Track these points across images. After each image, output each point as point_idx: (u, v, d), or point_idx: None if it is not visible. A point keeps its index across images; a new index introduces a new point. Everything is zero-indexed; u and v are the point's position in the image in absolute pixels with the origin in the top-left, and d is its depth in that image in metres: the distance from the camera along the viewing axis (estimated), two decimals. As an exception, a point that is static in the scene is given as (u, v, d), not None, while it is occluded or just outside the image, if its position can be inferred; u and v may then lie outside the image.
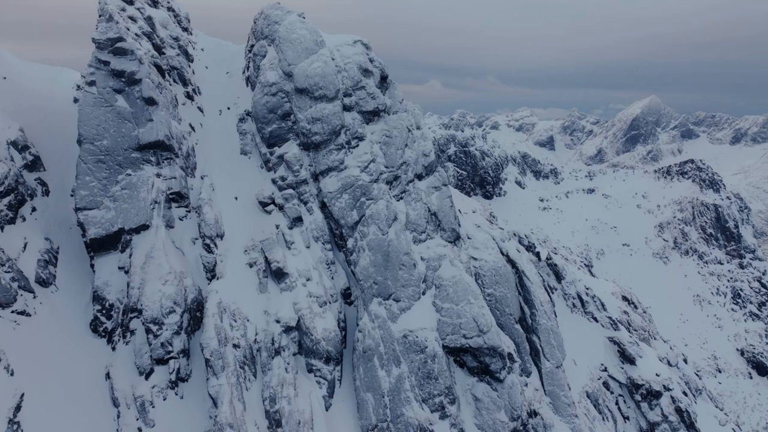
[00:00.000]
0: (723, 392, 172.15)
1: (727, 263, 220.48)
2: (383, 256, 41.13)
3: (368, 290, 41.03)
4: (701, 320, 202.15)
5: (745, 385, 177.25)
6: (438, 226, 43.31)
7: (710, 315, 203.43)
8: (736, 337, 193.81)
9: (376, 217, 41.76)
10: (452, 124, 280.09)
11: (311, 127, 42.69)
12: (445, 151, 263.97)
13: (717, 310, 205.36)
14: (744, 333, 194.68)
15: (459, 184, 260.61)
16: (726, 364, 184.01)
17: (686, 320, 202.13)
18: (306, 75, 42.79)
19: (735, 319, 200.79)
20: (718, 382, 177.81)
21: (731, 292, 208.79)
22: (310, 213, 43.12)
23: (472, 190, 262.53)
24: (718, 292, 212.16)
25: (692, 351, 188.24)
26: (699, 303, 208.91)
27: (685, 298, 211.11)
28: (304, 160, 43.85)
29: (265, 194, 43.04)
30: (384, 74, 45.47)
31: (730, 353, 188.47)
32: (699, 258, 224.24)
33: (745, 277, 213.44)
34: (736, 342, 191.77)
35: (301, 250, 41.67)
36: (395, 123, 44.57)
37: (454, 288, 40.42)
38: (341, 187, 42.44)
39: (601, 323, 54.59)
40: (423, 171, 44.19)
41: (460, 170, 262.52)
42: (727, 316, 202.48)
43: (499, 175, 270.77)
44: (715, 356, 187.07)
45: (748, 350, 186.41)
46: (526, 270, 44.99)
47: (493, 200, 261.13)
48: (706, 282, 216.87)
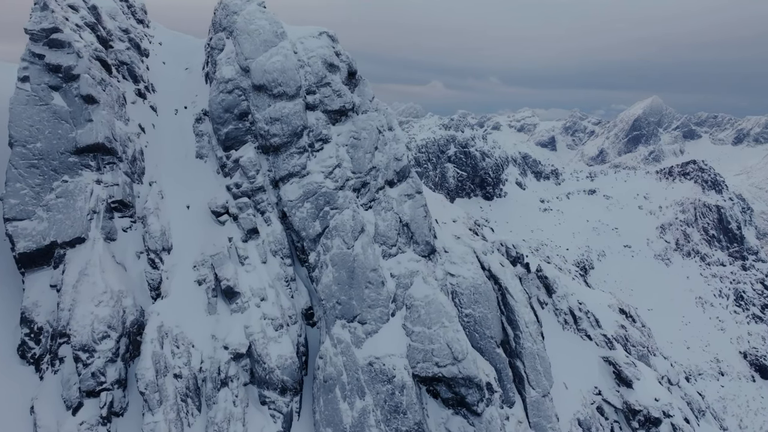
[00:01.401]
0: (725, 396, 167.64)
1: (729, 265, 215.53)
2: (348, 272, 36.05)
3: (330, 311, 35.96)
4: (703, 323, 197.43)
5: (747, 389, 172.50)
6: (410, 239, 38.17)
7: (712, 317, 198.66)
8: (739, 340, 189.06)
9: (340, 229, 36.69)
10: (452, 124, 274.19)
11: (269, 128, 37.66)
12: (444, 151, 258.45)
13: (719, 313, 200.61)
14: (747, 335, 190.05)
15: (459, 185, 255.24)
16: (728, 367, 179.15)
17: (688, 323, 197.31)
18: (264, 70, 37.75)
19: (738, 321, 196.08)
20: (721, 385, 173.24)
21: (734, 294, 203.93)
22: (267, 224, 38.07)
23: (472, 191, 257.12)
24: (720, 294, 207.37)
25: (694, 354, 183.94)
26: (701, 305, 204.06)
27: (687, 300, 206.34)
28: (262, 165, 38.85)
29: (219, 203, 38.03)
30: (352, 69, 40.34)
31: (732, 356, 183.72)
32: (701, 260, 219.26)
33: (748, 279, 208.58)
34: (738, 345, 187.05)
35: (256, 265, 36.63)
36: (364, 123, 39.47)
37: (426, 309, 35.28)
38: (303, 195, 37.39)
39: (595, 341, 49.31)
40: (395, 177, 39.07)
41: (460, 171, 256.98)
42: (730, 319, 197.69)
43: (500, 176, 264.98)
44: (718, 359, 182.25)
45: (751, 353, 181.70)
46: (509, 287, 39.77)
47: (493, 201, 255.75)
48: (708, 284, 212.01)
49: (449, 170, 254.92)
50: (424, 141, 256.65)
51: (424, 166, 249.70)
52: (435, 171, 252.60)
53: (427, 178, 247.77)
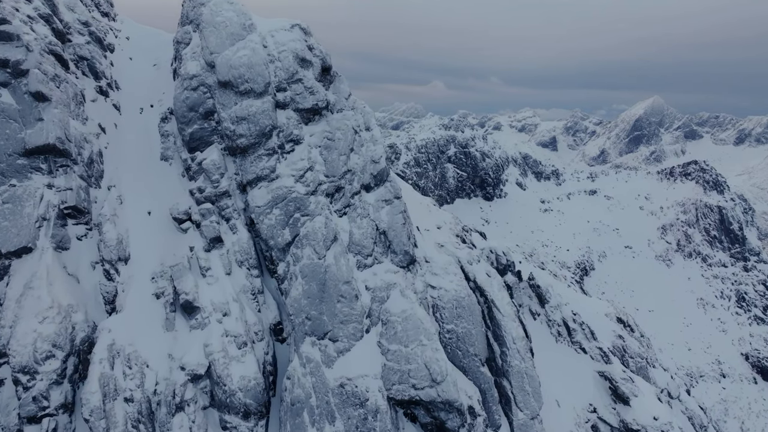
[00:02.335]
0: (727, 398, 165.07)
1: (731, 266, 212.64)
2: (319, 285, 32.75)
3: (299, 327, 32.66)
4: (705, 324, 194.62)
5: (749, 391, 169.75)
6: (388, 248, 34.84)
7: (714, 319, 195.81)
8: (741, 342, 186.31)
9: (311, 237, 33.39)
10: (452, 124, 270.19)
11: (236, 128, 34.38)
12: (444, 152, 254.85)
13: (721, 314, 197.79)
14: (749, 337, 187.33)
15: (459, 185, 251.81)
16: (730, 368, 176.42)
17: (690, 324, 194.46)
18: (230, 65, 34.48)
19: (739, 322, 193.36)
20: (723, 387, 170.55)
21: (735, 295, 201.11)
22: (233, 232, 34.79)
23: (473, 192, 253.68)
24: (722, 296, 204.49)
25: (696, 355, 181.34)
26: (703, 306, 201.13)
27: (689, 301, 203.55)
28: (228, 168, 35.59)
29: (181, 209, 34.79)
30: (326, 64, 37.01)
31: (734, 358, 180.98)
32: (703, 261, 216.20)
33: (750, 280, 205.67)
34: (740, 346, 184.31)
35: (219, 277, 33.36)
36: (339, 123, 36.15)
37: (403, 325, 31.95)
38: (271, 200, 34.10)
39: (590, 355, 45.90)
40: (372, 181, 35.72)
41: (460, 171, 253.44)
42: (732, 320, 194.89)
43: (500, 176, 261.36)
44: (719, 361, 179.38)
45: (753, 355, 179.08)
46: (496, 299, 36.39)
47: (493, 202, 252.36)
48: (709, 285, 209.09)
49: (449, 171, 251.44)
50: (423, 141, 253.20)
51: (424, 167, 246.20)
52: (435, 171, 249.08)
53: (427, 178, 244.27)
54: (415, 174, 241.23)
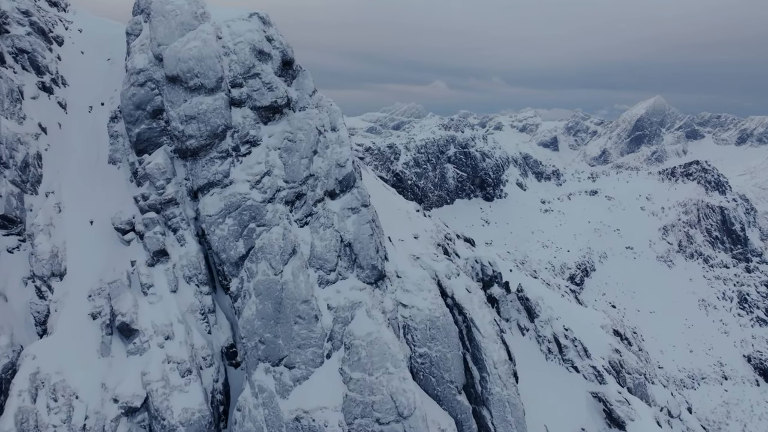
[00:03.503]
0: (729, 400, 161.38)
1: (733, 267, 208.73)
2: (274, 304, 28.73)
3: (252, 352, 28.64)
4: (707, 325, 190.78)
5: (752, 393, 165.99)
6: (354, 262, 30.76)
7: (716, 320, 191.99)
8: (743, 343, 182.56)
9: (267, 250, 29.38)
10: (452, 124, 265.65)
11: (184, 128, 30.39)
12: (444, 152, 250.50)
13: (723, 315, 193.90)
14: (751, 339, 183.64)
15: (459, 185, 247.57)
16: (732, 371, 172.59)
17: (691, 325, 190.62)
18: (178, 58, 30.48)
19: (741, 324, 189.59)
20: (725, 389, 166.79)
21: (737, 296, 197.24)
22: (181, 244, 30.81)
23: (472, 192, 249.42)
24: (724, 297, 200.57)
25: (697, 357, 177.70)
26: (704, 308, 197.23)
27: (690, 302, 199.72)
28: (178, 173, 31.61)
29: (124, 218, 30.84)
30: (287, 58, 32.95)
31: (736, 360, 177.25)
32: (704, 261, 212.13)
33: (752, 281, 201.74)
34: (742, 348, 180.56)
35: (163, 295, 29.37)
36: (301, 123, 32.11)
37: (368, 350, 27.89)
38: (224, 208, 30.10)
39: (583, 374, 41.73)
40: (337, 187, 31.64)
41: (460, 172, 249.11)
42: (734, 322, 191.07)
43: (500, 176, 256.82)
44: (721, 363, 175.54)
45: (755, 357, 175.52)
46: (476, 318, 32.26)
47: (493, 202, 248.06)
48: (711, 286, 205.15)
49: (449, 171, 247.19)
50: (423, 141, 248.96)
51: (424, 167, 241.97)
52: (434, 172, 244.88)
53: (427, 178, 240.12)
54: (415, 174, 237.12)
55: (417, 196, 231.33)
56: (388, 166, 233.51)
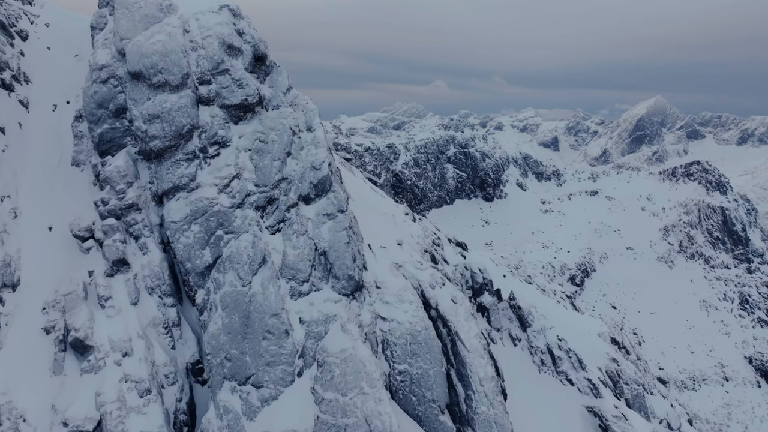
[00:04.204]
0: (730, 402, 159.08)
1: (734, 268, 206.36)
2: (242, 318, 26.42)
3: (217, 370, 26.33)
4: (708, 326, 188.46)
5: (753, 395, 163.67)
6: (329, 272, 28.41)
7: (717, 321, 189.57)
8: (744, 345, 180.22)
9: (235, 260, 27.07)
10: (452, 124, 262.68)
11: (148, 128, 28.08)
12: (444, 152, 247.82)
13: (724, 316, 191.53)
14: (752, 340, 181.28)
15: (459, 186, 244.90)
16: (733, 372, 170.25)
17: (692, 326, 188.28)
18: (141, 53, 28.15)
19: (743, 325, 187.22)
20: (726, 391, 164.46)
21: (739, 297, 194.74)
22: (143, 252, 28.49)
23: (472, 192, 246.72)
24: (725, 298, 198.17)
25: (698, 358, 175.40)
26: (705, 309, 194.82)
27: (691, 303, 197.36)
28: (142, 176, 29.34)
29: (83, 224, 28.55)
30: (259, 53, 30.59)
31: (737, 361, 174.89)
32: (705, 262, 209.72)
33: (753, 282, 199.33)
34: (744, 349, 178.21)
35: (122, 308, 27.07)
36: (274, 122, 29.77)
37: (342, 368, 25.54)
38: (190, 214, 27.79)
39: (577, 387, 39.30)
40: (311, 191, 29.28)
41: (459, 172, 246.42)
42: (735, 323, 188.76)
43: (500, 176, 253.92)
44: (722, 364, 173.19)
45: (757, 358, 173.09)
46: (461, 331, 29.86)
47: (493, 202, 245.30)
48: (712, 287, 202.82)
49: (449, 171, 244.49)
50: (423, 141, 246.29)
51: (423, 167, 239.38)
52: (434, 172, 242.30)
53: (426, 179, 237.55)
54: (414, 174, 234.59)
55: (416, 197, 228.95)
56: (388, 166, 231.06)
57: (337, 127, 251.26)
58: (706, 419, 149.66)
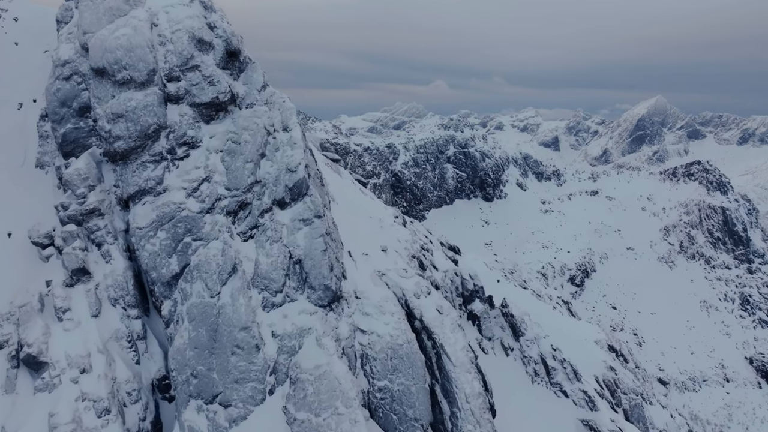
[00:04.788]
0: (731, 403, 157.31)
1: (735, 268, 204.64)
2: (209, 331, 24.44)
3: (183, 387, 24.35)
4: (708, 327, 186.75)
5: (754, 396, 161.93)
6: (304, 282, 26.41)
7: (717, 322, 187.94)
8: (745, 345, 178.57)
9: (204, 269, 25.08)
10: (452, 124, 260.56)
11: (112, 128, 26.10)
12: (444, 152, 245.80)
13: (725, 317, 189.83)
14: (753, 341, 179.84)
15: (458, 186, 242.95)
16: (734, 373, 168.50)
17: (693, 327, 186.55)
18: (104, 48, 26.16)
19: (743, 326, 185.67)
20: (726, 392, 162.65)
21: (740, 298, 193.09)
22: (106, 260, 26.52)
23: (472, 193, 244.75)
24: (725, 298, 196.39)
25: (699, 359, 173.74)
26: (706, 309, 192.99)
27: (692, 304, 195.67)
28: (107, 178, 27.40)
29: (42, 231, 26.60)
30: (232, 48, 28.58)
31: (738, 362, 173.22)
32: (706, 262, 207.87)
33: (754, 282, 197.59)
34: (744, 350, 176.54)
35: (82, 321, 25.11)
36: (247, 122, 27.77)
37: (316, 386, 23.54)
38: (156, 220, 25.81)
39: (572, 399, 37.25)
40: (287, 195, 27.26)
41: (459, 172, 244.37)
42: (736, 323, 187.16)
43: (500, 176, 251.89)
44: (723, 365, 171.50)
45: (758, 359, 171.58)
46: (447, 344, 27.83)
47: (493, 203, 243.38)
48: (713, 287, 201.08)
49: (448, 171, 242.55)
50: (422, 141, 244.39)
51: (423, 167, 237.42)
52: (434, 172, 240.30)
53: (426, 179, 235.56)
54: (414, 174, 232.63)
55: (416, 197, 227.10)
56: (387, 166, 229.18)
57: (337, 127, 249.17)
58: (706, 420, 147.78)
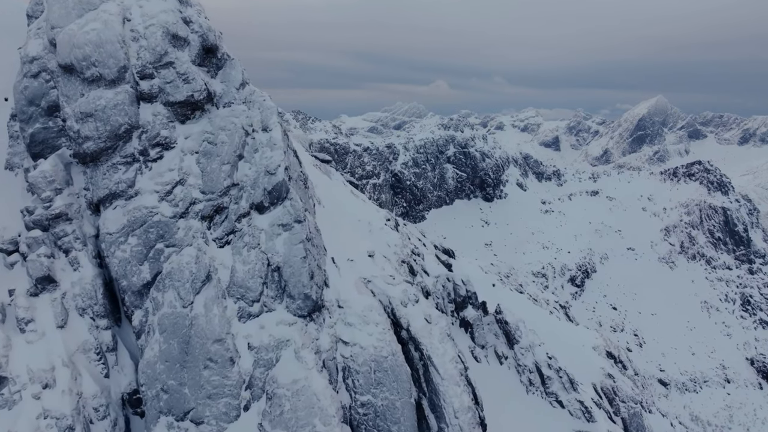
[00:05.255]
0: (732, 404, 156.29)
1: (735, 268, 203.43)
2: (181, 343, 22.90)
3: (153, 403, 22.82)
4: (709, 328, 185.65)
5: (755, 396, 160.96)
6: (283, 290, 24.86)
7: (718, 322, 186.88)
8: (746, 346, 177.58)
9: (176, 277, 23.53)
10: (452, 124, 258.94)
11: (80, 128, 24.57)
12: (444, 152, 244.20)
13: (725, 318, 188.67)
14: (754, 341, 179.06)
15: (458, 186, 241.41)
16: (735, 374, 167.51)
17: (693, 328, 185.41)
18: (72, 44, 24.60)
19: (744, 326, 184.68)
20: (727, 393, 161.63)
21: (740, 298, 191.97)
22: (74, 268, 24.98)
23: (472, 193, 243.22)
24: (726, 299, 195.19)
25: (699, 360, 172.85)
26: (707, 310, 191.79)
27: (693, 304, 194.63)
28: (76, 181, 25.86)
29: (7, 236, 25.05)
30: (209, 43, 27.02)
31: (739, 362, 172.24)
32: (707, 263, 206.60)
33: (755, 282, 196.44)
34: (745, 351, 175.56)
35: (46, 332, 23.55)
36: (225, 121, 26.23)
37: (293, 402, 22.00)
38: (127, 225, 24.27)
39: (568, 410, 35.66)
40: (265, 199, 25.71)
41: (459, 172, 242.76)
42: (736, 324, 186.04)
43: (500, 176, 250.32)
44: (724, 366, 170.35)
45: (759, 359, 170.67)
46: (435, 355, 26.28)
47: (493, 203, 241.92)
48: (714, 288, 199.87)
49: (448, 171, 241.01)
50: (422, 141, 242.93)
51: (423, 167, 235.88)
52: (434, 172, 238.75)
53: (426, 179, 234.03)
54: (414, 175, 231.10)
55: (416, 197, 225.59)
56: (387, 166, 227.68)
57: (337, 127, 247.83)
58: (707, 421, 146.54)
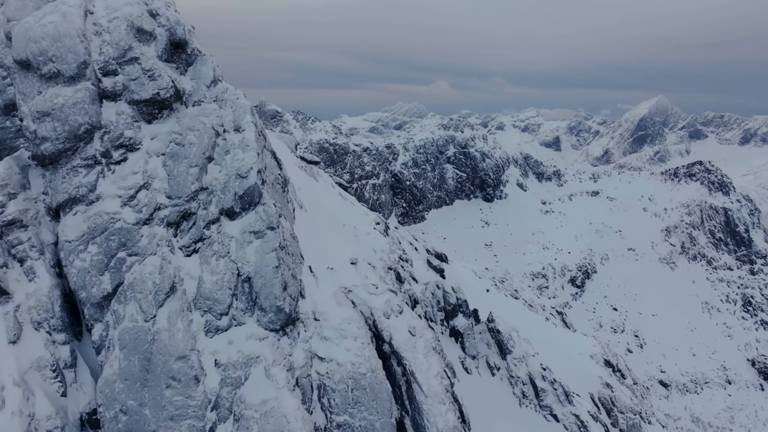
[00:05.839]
0: (733, 405, 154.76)
1: (737, 269, 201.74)
2: (142, 360, 21.03)
3: (111, 425, 20.96)
4: (710, 329, 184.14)
5: (756, 398, 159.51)
6: (254, 303, 22.99)
7: (719, 323, 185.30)
8: (747, 347, 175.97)
9: (138, 288, 21.67)
10: (451, 124, 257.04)
11: (37, 128, 22.70)
12: (443, 152, 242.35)
13: (727, 318, 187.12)
14: (755, 342, 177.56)
15: (458, 186, 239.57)
16: (736, 375, 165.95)
17: (694, 329, 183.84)
18: (28, 38, 22.75)
19: (746, 327, 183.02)
20: (728, 394, 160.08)
21: (742, 299, 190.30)
22: (29, 279, 23.09)
23: (472, 193, 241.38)
24: (727, 300, 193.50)
25: (700, 361, 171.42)
26: (708, 310, 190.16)
27: (693, 305, 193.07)
28: (34, 185, 23.99)
29: (-41, 245, 23.21)
30: (176, 38, 25.16)
31: (740, 364, 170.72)
32: (708, 263, 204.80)
33: (756, 283, 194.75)
34: (746, 352, 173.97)
35: (-4, 348, 21.72)
36: (193, 121, 24.38)
37: (261, 425, 20.15)
38: (87, 232, 22.40)
39: (563, 424, 33.75)
40: (236, 204, 23.86)
41: (459, 172, 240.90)
42: (738, 325, 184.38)
43: (500, 177, 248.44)
44: (725, 367, 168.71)
45: (760, 360, 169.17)
46: (419, 371, 24.40)
47: (493, 203, 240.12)
48: (715, 289, 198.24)
49: (448, 171, 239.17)
50: (422, 141, 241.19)
51: (422, 167, 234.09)
52: (434, 172, 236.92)
53: (426, 179, 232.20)
54: (413, 175, 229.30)
55: (415, 197, 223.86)
56: (386, 166, 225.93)
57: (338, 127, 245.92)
58: (708, 423, 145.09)
